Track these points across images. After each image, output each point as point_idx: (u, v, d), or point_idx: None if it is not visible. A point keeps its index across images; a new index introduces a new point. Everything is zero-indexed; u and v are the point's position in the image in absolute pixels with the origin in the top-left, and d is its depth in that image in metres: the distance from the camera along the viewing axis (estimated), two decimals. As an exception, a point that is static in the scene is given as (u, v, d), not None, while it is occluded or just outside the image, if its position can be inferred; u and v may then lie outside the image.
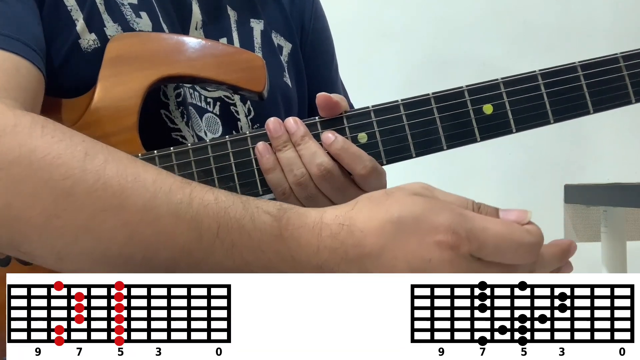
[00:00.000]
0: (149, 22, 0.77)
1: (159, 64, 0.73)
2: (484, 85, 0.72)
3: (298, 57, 0.91)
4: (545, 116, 0.71)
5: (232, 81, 0.74)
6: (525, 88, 0.71)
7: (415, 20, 2.22)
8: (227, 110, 0.81)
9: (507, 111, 0.71)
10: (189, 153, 0.70)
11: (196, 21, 0.81)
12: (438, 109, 0.71)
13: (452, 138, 0.71)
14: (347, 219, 0.55)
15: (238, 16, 0.86)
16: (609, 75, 0.72)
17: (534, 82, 0.72)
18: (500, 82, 0.71)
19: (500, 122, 0.71)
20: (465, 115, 0.71)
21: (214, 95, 0.81)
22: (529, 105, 0.71)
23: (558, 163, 2.21)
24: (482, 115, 0.71)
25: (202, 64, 0.74)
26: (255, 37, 0.86)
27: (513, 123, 0.71)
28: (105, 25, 0.75)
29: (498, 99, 0.71)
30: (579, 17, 2.19)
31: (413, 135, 0.71)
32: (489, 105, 0.71)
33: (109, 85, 0.72)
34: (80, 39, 0.73)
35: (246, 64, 0.75)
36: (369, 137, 0.71)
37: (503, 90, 0.71)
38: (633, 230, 1.81)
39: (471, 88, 0.72)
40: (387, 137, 0.71)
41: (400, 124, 0.71)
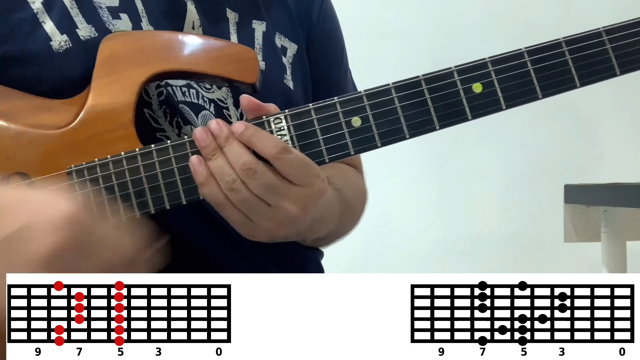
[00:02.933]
0: (129, 23, 0.77)
1: (152, 61, 0.74)
2: (472, 65, 0.73)
3: (303, 58, 0.91)
4: (534, 92, 0.73)
5: (225, 74, 0.74)
6: (513, 65, 0.73)
7: (415, 20, 2.22)
8: (221, 113, 0.81)
9: (496, 89, 0.73)
10: (185, 145, 0.70)
11: (192, 20, 0.81)
12: (429, 90, 0.72)
13: (444, 118, 0.73)
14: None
15: (239, 18, 0.86)
16: (594, 49, 0.74)
17: (521, 59, 0.73)
18: (488, 61, 0.73)
19: (490, 100, 0.73)
20: (456, 95, 0.73)
21: (210, 97, 0.81)
22: (517, 82, 0.73)
23: (558, 163, 2.21)
24: (472, 94, 0.73)
25: (194, 59, 0.75)
26: (256, 39, 0.86)
27: (503, 100, 0.73)
28: (78, 27, 0.75)
29: (487, 77, 0.73)
30: (579, 17, 2.19)
31: (406, 117, 0.72)
32: (478, 84, 0.73)
33: (103, 84, 0.73)
34: (52, 41, 0.74)
35: (237, 56, 0.75)
36: (363, 120, 0.72)
37: (491, 68, 0.73)
38: (633, 230, 1.81)
39: (460, 68, 0.73)
40: (381, 120, 0.72)
41: (393, 107, 0.72)
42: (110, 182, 0.69)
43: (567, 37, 0.74)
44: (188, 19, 0.81)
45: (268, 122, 0.71)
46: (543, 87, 0.73)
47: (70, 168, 0.70)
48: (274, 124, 0.71)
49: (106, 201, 0.69)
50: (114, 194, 0.69)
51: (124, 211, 0.69)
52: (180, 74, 0.76)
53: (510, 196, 2.22)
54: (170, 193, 0.70)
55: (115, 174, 0.70)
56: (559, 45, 0.74)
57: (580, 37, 0.74)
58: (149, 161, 0.70)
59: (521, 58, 0.73)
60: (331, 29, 0.96)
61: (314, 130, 0.72)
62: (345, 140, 0.72)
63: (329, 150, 0.72)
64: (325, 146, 0.72)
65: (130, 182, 0.70)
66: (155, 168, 0.70)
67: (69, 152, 0.70)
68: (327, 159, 0.72)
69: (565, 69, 0.73)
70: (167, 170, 0.70)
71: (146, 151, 0.70)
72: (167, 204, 0.70)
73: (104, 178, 0.69)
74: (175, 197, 0.70)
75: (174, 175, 0.70)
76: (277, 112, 0.72)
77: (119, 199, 0.69)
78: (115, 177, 0.69)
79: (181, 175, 0.70)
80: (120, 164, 0.70)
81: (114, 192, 0.69)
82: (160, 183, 0.70)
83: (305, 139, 0.71)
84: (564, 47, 0.73)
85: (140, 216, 0.69)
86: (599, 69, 0.74)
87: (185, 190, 0.70)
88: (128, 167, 0.70)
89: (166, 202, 0.70)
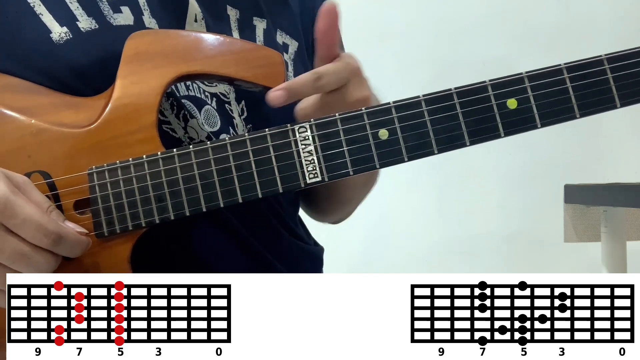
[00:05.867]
0: (130, 16, 0.77)
1: (177, 62, 0.73)
2: (507, 79, 0.71)
3: (304, 54, 0.91)
4: (571, 110, 0.70)
5: (251, 78, 0.73)
6: (550, 82, 0.70)
7: (415, 20, 2.21)
8: (223, 108, 0.81)
9: (531, 105, 0.70)
10: (208, 151, 0.70)
11: (194, 13, 0.81)
12: (460, 104, 0.70)
13: (475, 134, 0.70)
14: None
15: (240, 15, 0.86)
16: (637, 67, 0.70)
17: (559, 75, 0.70)
18: (525, 76, 0.70)
19: (524, 117, 0.70)
20: (489, 110, 0.70)
21: (212, 91, 0.81)
22: (554, 99, 0.70)
23: (558, 163, 2.20)
24: (506, 110, 0.70)
25: (220, 61, 0.74)
26: (257, 36, 0.86)
27: (538, 118, 0.70)
28: (78, 19, 0.75)
29: (522, 93, 0.70)
30: (579, 17, 2.19)
31: (435, 131, 0.70)
32: (512, 99, 0.70)
33: (127, 84, 0.72)
34: (52, 33, 0.74)
35: (265, 60, 0.74)
36: (390, 133, 0.70)
37: (527, 84, 0.70)
38: (633, 230, 1.81)
39: (494, 83, 0.70)
40: (409, 133, 0.70)
41: (422, 120, 0.70)
42: (131, 185, 0.69)
43: (609, 55, 0.71)
44: (190, 12, 0.81)
45: (293, 131, 0.70)
46: (581, 106, 0.70)
47: (92, 169, 0.69)
48: (298, 132, 0.70)
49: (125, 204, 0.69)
50: (134, 197, 0.69)
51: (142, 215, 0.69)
52: (205, 76, 0.75)
53: (510, 196, 2.22)
54: (191, 199, 0.69)
55: (136, 177, 0.69)
56: (601, 62, 0.70)
57: (624, 54, 0.71)
58: (171, 165, 0.69)
59: (560, 74, 0.70)
60: None
61: (340, 141, 0.70)
62: (371, 152, 0.70)
63: (354, 162, 0.70)
64: (350, 157, 0.70)
65: (150, 186, 0.69)
66: (177, 173, 0.69)
67: (90, 152, 0.70)
68: (352, 172, 0.70)
69: (605, 88, 0.70)
70: (189, 176, 0.69)
71: (168, 155, 0.70)
72: (187, 210, 0.69)
73: (125, 181, 0.69)
74: (196, 204, 0.69)
75: (195, 181, 0.69)
76: (303, 121, 0.71)
77: (139, 202, 0.69)
78: (136, 181, 0.69)
79: (202, 181, 0.69)
80: (141, 167, 0.69)
81: (134, 196, 0.69)
82: (180, 188, 0.69)
83: (330, 149, 0.70)
84: (605, 65, 0.70)
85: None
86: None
87: (206, 197, 0.69)
88: (149, 170, 0.69)
89: (186, 208, 0.69)
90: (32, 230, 0.61)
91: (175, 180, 0.69)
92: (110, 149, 0.70)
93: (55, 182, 0.69)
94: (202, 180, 0.69)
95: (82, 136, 0.71)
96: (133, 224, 0.69)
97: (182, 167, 0.69)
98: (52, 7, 0.75)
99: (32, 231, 0.61)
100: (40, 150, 0.70)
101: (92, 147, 0.70)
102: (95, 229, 0.69)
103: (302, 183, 0.70)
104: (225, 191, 0.69)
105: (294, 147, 0.70)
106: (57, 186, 0.69)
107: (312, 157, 0.70)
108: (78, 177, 0.69)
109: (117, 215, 0.69)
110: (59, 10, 0.75)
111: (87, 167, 0.69)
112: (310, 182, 0.70)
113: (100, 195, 0.69)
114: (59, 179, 0.69)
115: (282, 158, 0.70)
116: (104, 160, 0.70)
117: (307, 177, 0.70)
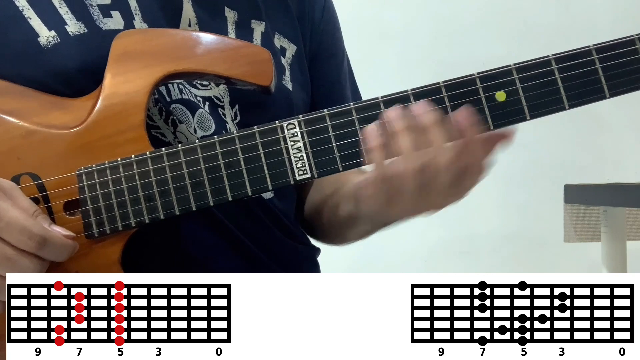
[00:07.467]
0: (120, 20, 0.77)
1: (165, 61, 0.73)
2: (495, 72, 0.70)
3: (303, 59, 0.90)
4: (560, 102, 0.70)
5: (239, 76, 0.73)
6: (539, 74, 0.70)
7: (415, 20, 2.21)
8: (216, 112, 0.81)
9: (520, 98, 0.70)
10: (196, 150, 0.70)
11: (189, 18, 0.81)
12: (449, 97, 0.70)
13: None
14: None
15: (238, 17, 0.85)
16: (625, 57, 0.70)
17: (548, 67, 0.70)
18: (513, 68, 0.70)
19: (513, 109, 0.70)
20: (478, 103, 0.70)
21: (205, 95, 0.81)
22: (542, 91, 0.70)
23: (558, 163, 2.20)
24: (495, 103, 0.70)
25: (208, 59, 0.73)
26: (255, 39, 0.86)
27: (527, 110, 0.70)
28: (67, 23, 0.75)
29: (511, 86, 0.70)
30: (579, 17, 2.19)
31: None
32: (501, 92, 0.70)
33: (115, 83, 0.72)
34: (40, 37, 0.74)
35: (253, 57, 0.74)
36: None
37: (516, 76, 0.70)
38: (633, 230, 1.81)
39: (483, 75, 0.70)
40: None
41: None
42: (120, 185, 0.69)
43: (597, 45, 0.70)
44: (184, 16, 0.81)
45: (281, 128, 0.70)
46: (570, 97, 0.70)
47: (81, 170, 0.69)
48: (287, 129, 0.70)
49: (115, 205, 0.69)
50: (124, 197, 0.69)
51: (132, 215, 0.69)
52: (194, 75, 0.75)
53: (510, 196, 2.22)
54: (180, 198, 0.69)
55: (125, 177, 0.69)
56: (589, 53, 0.70)
57: (612, 44, 0.70)
58: (160, 165, 0.69)
59: (548, 66, 0.70)
60: (333, 30, 0.95)
61: (329, 137, 0.70)
62: (361, 148, 0.69)
63: (343, 158, 0.70)
64: (339, 154, 0.70)
65: (139, 186, 0.69)
66: (166, 172, 0.69)
67: (80, 153, 0.70)
68: (341, 167, 0.70)
69: (594, 78, 0.70)
70: (178, 175, 0.69)
71: (156, 155, 0.70)
72: (176, 209, 0.69)
73: (114, 181, 0.69)
74: (185, 203, 0.69)
75: (184, 180, 0.69)
76: (291, 117, 0.70)
77: (128, 202, 0.69)
78: (125, 181, 0.69)
79: (191, 180, 0.69)
80: (130, 167, 0.69)
81: (124, 196, 0.69)
82: (170, 187, 0.69)
83: (319, 145, 0.70)
84: (594, 55, 0.70)
85: None
86: (631, 78, 0.70)
87: (195, 196, 0.69)
88: (138, 170, 0.69)
89: (176, 207, 0.69)
90: (16, 233, 0.61)
91: (165, 179, 0.69)
92: (100, 149, 0.70)
93: (45, 184, 0.69)
94: (191, 179, 0.69)
95: (71, 137, 0.70)
96: (123, 224, 0.69)
97: (171, 166, 0.69)
98: (41, 11, 0.75)
99: (16, 234, 0.61)
100: (29, 152, 0.70)
101: (81, 147, 0.70)
102: (86, 229, 0.69)
103: (291, 180, 0.70)
104: (214, 189, 0.69)
105: (282, 144, 0.70)
106: (46, 187, 0.69)
107: (302, 154, 0.70)
108: (67, 178, 0.69)
109: (106, 216, 0.69)
110: (48, 15, 0.75)
111: (77, 168, 0.69)
112: (299, 179, 0.70)
113: (89, 196, 0.69)
114: (49, 180, 0.69)
115: (271, 155, 0.70)
116: (93, 161, 0.70)
117: (297, 174, 0.70)
